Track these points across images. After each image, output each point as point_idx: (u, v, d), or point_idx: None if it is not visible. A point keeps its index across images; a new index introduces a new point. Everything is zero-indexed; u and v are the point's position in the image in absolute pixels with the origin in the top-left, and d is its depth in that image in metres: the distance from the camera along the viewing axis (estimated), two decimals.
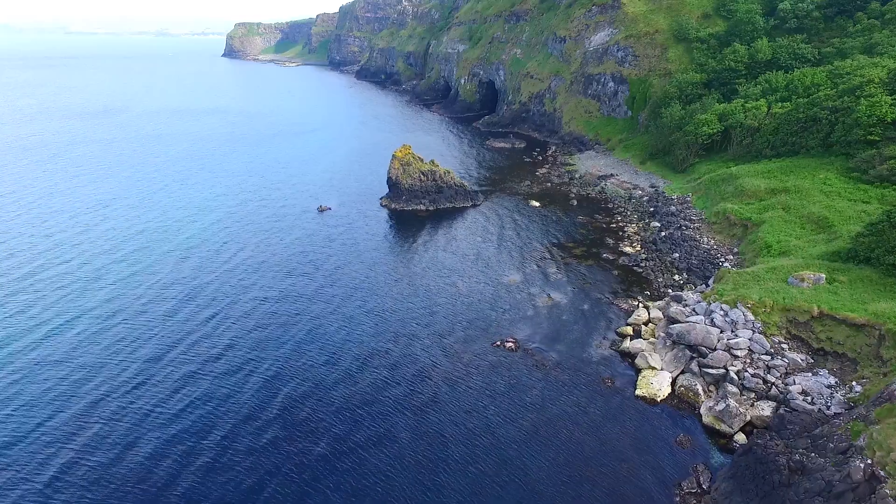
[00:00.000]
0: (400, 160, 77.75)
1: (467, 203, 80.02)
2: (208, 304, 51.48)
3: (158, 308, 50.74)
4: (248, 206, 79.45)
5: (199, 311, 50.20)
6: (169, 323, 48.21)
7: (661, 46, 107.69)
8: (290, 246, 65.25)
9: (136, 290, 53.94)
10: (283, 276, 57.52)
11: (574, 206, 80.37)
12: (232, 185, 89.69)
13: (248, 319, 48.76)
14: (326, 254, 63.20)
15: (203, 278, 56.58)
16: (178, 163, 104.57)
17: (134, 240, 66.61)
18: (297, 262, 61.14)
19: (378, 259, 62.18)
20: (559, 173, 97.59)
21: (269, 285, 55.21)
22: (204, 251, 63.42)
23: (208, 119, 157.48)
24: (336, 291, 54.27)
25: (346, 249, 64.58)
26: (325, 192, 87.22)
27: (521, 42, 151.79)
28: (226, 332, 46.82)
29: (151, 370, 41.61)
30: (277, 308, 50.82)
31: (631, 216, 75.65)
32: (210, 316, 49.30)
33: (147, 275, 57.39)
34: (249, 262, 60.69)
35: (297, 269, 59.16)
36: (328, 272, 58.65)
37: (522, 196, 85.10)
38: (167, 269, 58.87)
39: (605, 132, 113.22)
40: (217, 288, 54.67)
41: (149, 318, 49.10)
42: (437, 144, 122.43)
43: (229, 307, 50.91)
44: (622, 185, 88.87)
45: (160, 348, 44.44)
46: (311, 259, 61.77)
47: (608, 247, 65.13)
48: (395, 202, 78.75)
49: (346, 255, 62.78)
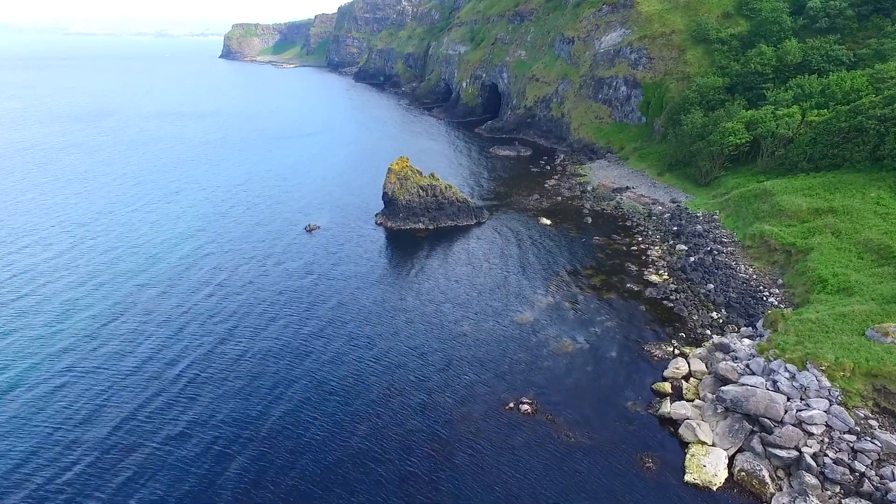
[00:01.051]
0: (397, 174, 70.37)
1: (471, 221, 72.60)
2: (177, 357, 43.87)
3: (116, 364, 43.26)
4: (231, 226, 71.97)
5: (166, 368, 42.62)
6: (128, 384, 40.72)
7: (679, 48, 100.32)
8: (274, 279, 57.66)
9: (91, 339, 46.44)
10: (264, 321, 49.81)
11: (588, 223, 72.96)
12: (216, 200, 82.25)
13: (222, 384, 41.17)
14: (311, 287, 55.67)
15: (174, 322, 48.84)
16: (163, 173, 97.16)
17: (99, 271, 59.10)
18: (280, 299, 53.61)
19: (369, 291, 54.73)
20: (570, 185, 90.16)
21: (247, 334, 47.58)
22: (177, 286, 55.81)
23: (200, 122, 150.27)
24: (315, 339, 46.78)
25: (334, 280, 57.10)
26: (316, 206, 79.81)
27: (526, 43, 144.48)
28: (197, 397, 39.37)
29: (98, 452, 34.20)
30: (254, 368, 43.36)
31: (652, 236, 68.23)
32: (178, 374, 41.74)
33: (108, 317, 49.90)
34: (229, 300, 53.00)
35: (279, 311, 51.52)
36: (310, 313, 51.15)
37: (531, 212, 77.66)
38: (131, 309, 51.33)
39: (617, 139, 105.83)
40: (190, 336, 47.05)
41: (103, 377, 41.63)
42: (437, 152, 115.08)
43: (202, 363, 43.39)
44: (640, 199, 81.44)
45: (112, 419, 37.01)
46: (294, 296, 54.21)
47: (631, 274, 57.68)
48: (391, 220, 71.35)
49: (332, 288, 55.27)
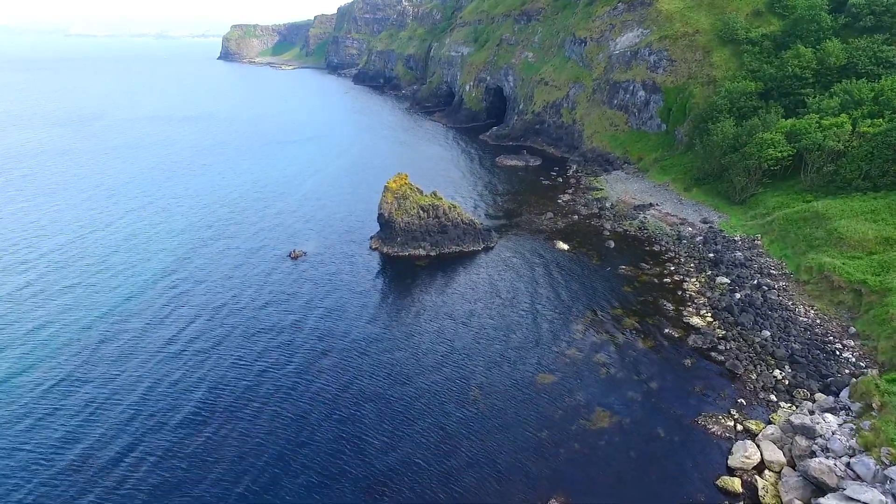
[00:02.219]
0: (394, 193, 61.91)
1: (478, 246, 64.09)
2: (129, 422, 35.60)
3: (51, 435, 34.88)
4: (208, 252, 63.47)
5: (114, 437, 34.31)
6: (68, 458, 32.36)
7: (703, 49, 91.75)
8: (249, 319, 49.24)
9: (11, 424, 38.06)
10: (235, 373, 41.60)
11: (611, 248, 64.43)
12: (194, 220, 73.80)
13: (184, 459, 32.80)
14: (289, 335, 47.21)
15: (131, 373, 40.61)
16: (141, 185, 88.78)
17: (53, 301, 50.84)
18: (253, 346, 45.25)
19: (357, 339, 46.21)
20: (585, 201, 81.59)
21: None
22: (140, 324, 47.47)
23: (191, 127, 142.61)
24: (287, 407, 38.35)
25: (317, 324, 48.58)
26: (305, 226, 71.35)
27: (534, 44, 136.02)
28: (152, 472, 30.95)
29: None
30: (221, 431, 34.94)
31: (686, 264, 59.65)
32: (130, 445, 33.43)
33: (54, 365, 41.58)
34: (197, 344, 44.73)
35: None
36: (286, 369, 42.74)
37: (545, 234, 69.12)
38: (84, 355, 43.05)
39: (635, 149, 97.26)
40: (148, 390, 38.80)
41: (35, 453, 33.23)
42: (438, 161, 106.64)
43: (162, 426, 35.06)
44: (666, 218, 72.89)
45: None
46: (268, 343, 45.83)
47: (668, 315, 49.11)
48: (387, 244, 62.88)
49: (313, 336, 46.72)
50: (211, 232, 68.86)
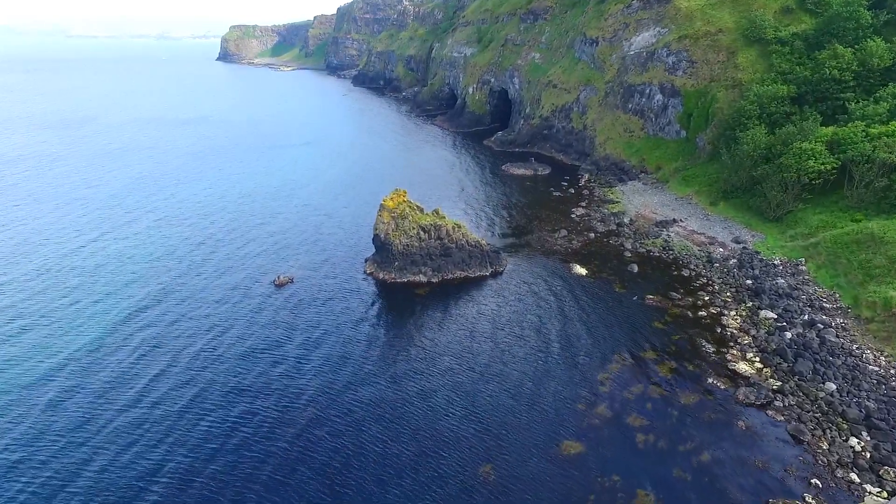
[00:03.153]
0: (391, 212, 54.98)
1: (485, 270, 57.11)
2: None
3: None
4: (183, 279, 56.52)
5: None
6: None
7: (727, 50, 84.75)
8: (226, 372, 42.36)
9: None
10: (205, 452, 34.79)
11: (634, 272, 57.44)
12: (173, 238, 66.92)
13: None
14: (272, 395, 40.35)
15: (73, 456, 33.71)
16: (121, 196, 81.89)
17: None
18: (229, 411, 38.41)
19: (341, 392, 39.37)
20: (601, 216, 74.58)
21: (184, 472, 32.40)
22: (97, 382, 40.42)
23: (183, 130, 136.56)
24: (256, 484, 31.49)
25: (303, 379, 41.73)
26: (294, 246, 64.45)
27: (541, 44, 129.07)
28: None
29: None
30: None
31: (721, 293, 52.64)
32: None
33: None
34: (162, 408, 37.82)
35: (225, 437, 36.44)
36: (269, 446, 35.90)
37: (559, 255, 62.14)
38: (30, 417, 36.26)
39: (652, 157, 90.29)
40: (95, 479, 31.97)
41: None
42: (440, 170, 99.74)
43: None
44: (692, 237, 65.90)
45: None
46: (248, 407, 39.00)
47: (709, 359, 42.13)
48: (384, 269, 55.95)
49: (301, 399, 39.89)
50: (190, 255, 61.92)
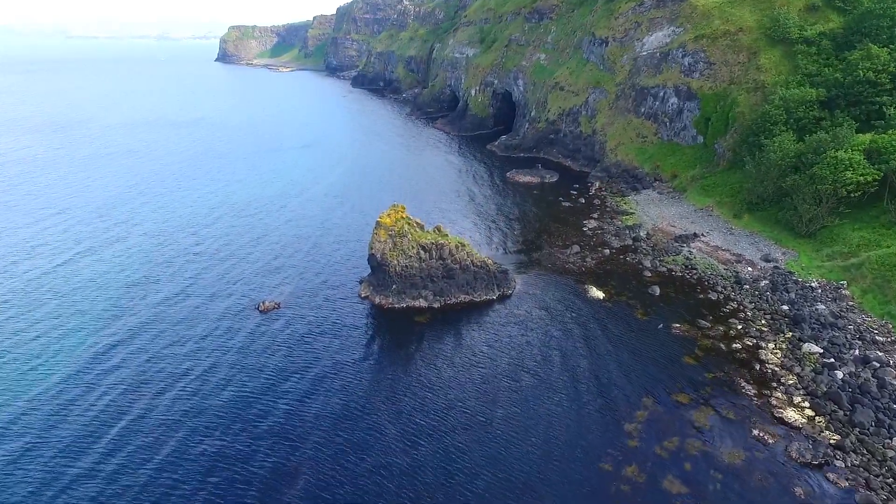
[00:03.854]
0: (388, 230, 49.73)
1: (492, 293, 51.83)
2: None
3: None
4: (158, 304, 51.30)
5: None
6: None
7: (748, 50, 79.45)
8: (197, 416, 37.25)
9: None
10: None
11: (656, 295, 52.14)
12: (151, 255, 61.71)
13: None
14: (249, 443, 35.18)
15: None
16: (101, 205, 76.79)
17: None
18: (197, 463, 33.23)
19: (331, 440, 34.17)
20: (616, 229, 69.30)
21: None
22: (62, 430, 35.41)
23: (175, 134, 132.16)
24: None
25: (284, 426, 36.53)
26: (282, 265, 59.21)
27: (546, 45, 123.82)
28: None
29: None
30: None
31: (755, 320, 47.34)
32: None
33: None
34: (120, 456, 32.77)
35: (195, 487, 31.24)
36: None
37: (573, 275, 56.85)
38: None
39: (667, 164, 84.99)
40: None
41: None
42: (442, 177, 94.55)
43: None
44: (716, 253, 60.60)
45: None
46: (219, 455, 33.83)
47: (750, 404, 36.82)
48: (380, 293, 50.70)
49: (279, 448, 34.72)
50: (171, 277, 56.59)
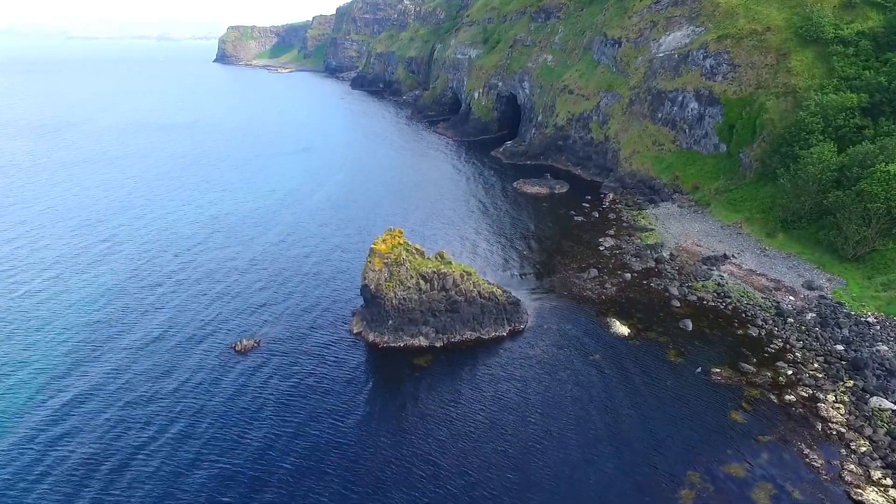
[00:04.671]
0: (384, 258, 43.49)
1: (501, 329, 45.56)
2: None
3: None
4: (122, 337, 45.27)
5: None
6: None
7: (777, 51, 73.15)
8: (153, 496, 31.14)
9: None
10: None
11: (688, 331, 45.86)
12: (124, 276, 55.59)
13: None
14: None
15: None
16: (79, 221, 70.42)
17: None
18: None
19: None
20: (636, 248, 62.98)
21: None
22: None
23: (168, 137, 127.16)
24: None
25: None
26: (264, 295, 52.85)
27: (554, 45, 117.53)
28: None
29: None
30: None
31: (807, 363, 41.03)
32: None
33: None
34: None
35: None
36: None
37: (592, 305, 50.52)
38: None
39: (687, 175, 78.70)
40: None
41: None
42: (443, 188, 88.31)
43: None
44: (751, 279, 54.25)
45: None
46: None
47: (821, 481, 30.53)
48: (374, 329, 44.45)
49: None
50: (140, 307, 50.31)
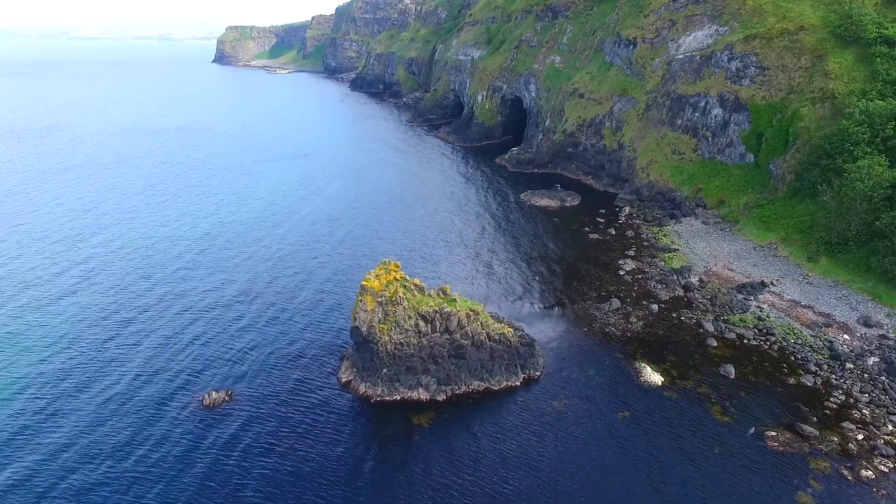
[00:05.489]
0: (377, 295, 37.13)
1: (514, 377, 39.16)
2: None
3: None
4: (71, 392, 39.02)
5: None
6: None
7: (812, 52, 66.73)
8: None
9: None
10: None
11: (731, 378, 39.46)
12: (87, 318, 49.38)
13: None
14: None
15: None
16: (47, 237, 64.36)
17: None
18: None
19: None
20: (660, 273, 56.49)
21: None
22: None
23: (154, 142, 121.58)
24: None
25: None
26: (242, 334, 46.38)
27: (562, 46, 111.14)
28: None
29: None
30: None
31: (878, 422, 34.67)
32: None
33: None
34: None
35: None
36: None
37: (617, 344, 44.11)
38: None
39: (711, 187, 72.27)
40: None
41: None
42: (445, 200, 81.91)
43: None
44: (795, 311, 47.82)
45: None
46: None
47: None
48: (366, 379, 38.10)
49: None
50: (101, 346, 44.13)
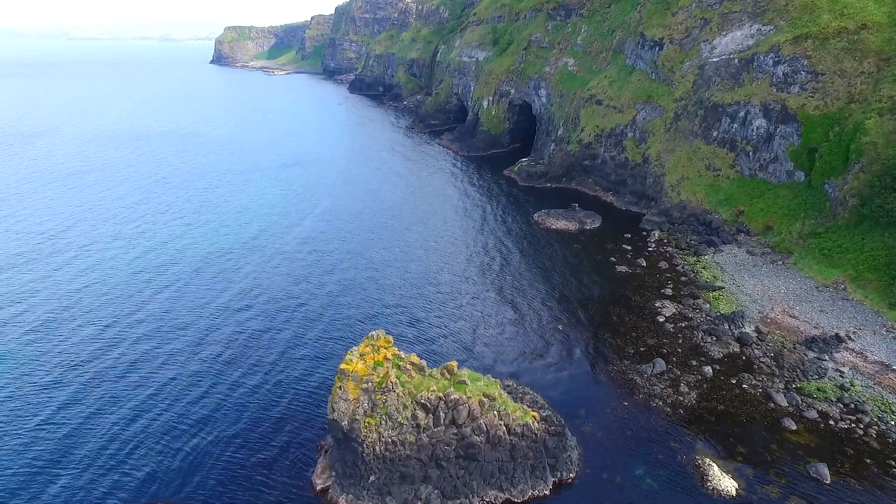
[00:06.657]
0: (360, 382, 27.90)
1: (542, 484, 29.73)
2: None
3: None
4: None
5: None
6: None
7: (878, 55, 57.37)
8: None
9: None
10: None
11: (825, 484, 30.17)
12: (14, 381, 40.46)
13: None
14: None
15: None
16: (6, 266, 55.81)
17: None
18: None
19: None
20: (706, 318, 47.14)
21: None
22: None
23: (140, 149, 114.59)
24: None
25: None
26: (192, 417, 37.17)
27: (575, 47, 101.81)
28: None
29: None
30: None
31: None
32: None
33: None
34: None
35: None
36: None
37: (668, 425, 34.78)
38: None
39: (754, 209, 62.97)
40: None
41: None
42: (447, 222, 72.63)
43: None
44: (886, 377, 38.42)
45: None
46: None
47: None
48: (347, 490, 28.79)
49: None
50: (20, 420, 35.14)
